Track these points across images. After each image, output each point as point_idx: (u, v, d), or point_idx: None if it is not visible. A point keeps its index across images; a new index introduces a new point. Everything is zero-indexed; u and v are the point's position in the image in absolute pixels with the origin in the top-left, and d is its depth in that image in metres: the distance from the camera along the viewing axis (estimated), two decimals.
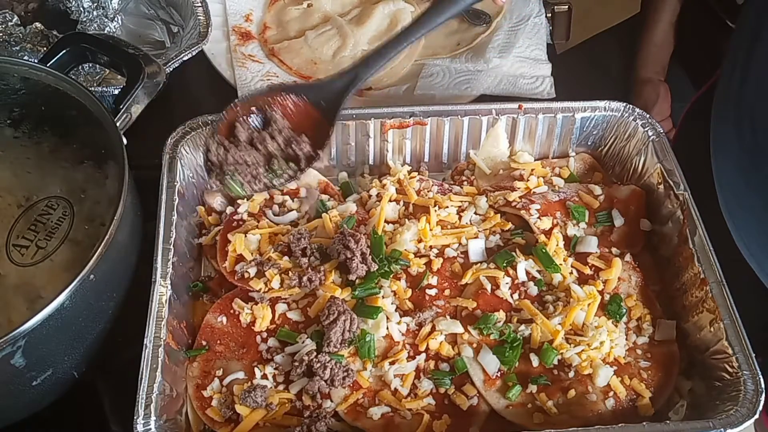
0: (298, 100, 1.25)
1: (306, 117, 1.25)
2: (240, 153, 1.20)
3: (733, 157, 1.25)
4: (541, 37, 1.70)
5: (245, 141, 1.21)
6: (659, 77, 1.96)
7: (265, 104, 1.24)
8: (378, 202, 1.30)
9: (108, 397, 1.25)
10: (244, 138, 1.22)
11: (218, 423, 1.11)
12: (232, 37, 1.69)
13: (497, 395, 1.13)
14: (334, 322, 1.13)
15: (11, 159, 1.33)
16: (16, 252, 1.24)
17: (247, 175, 1.19)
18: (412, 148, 1.42)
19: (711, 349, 1.14)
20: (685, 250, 1.23)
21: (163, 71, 1.30)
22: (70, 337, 1.07)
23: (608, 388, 1.13)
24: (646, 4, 1.98)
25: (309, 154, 1.22)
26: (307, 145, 1.22)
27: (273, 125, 1.22)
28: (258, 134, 1.22)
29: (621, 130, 1.40)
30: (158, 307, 1.13)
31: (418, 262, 1.24)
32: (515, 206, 1.30)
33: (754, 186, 1.21)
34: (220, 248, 1.27)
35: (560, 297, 1.21)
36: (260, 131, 1.23)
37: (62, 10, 1.66)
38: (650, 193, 1.35)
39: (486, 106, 1.40)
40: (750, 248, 1.26)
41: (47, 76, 1.23)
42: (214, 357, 1.17)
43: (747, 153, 1.21)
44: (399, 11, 1.72)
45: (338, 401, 1.12)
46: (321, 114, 1.25)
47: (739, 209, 1.26)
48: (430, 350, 1.17)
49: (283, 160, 1.21)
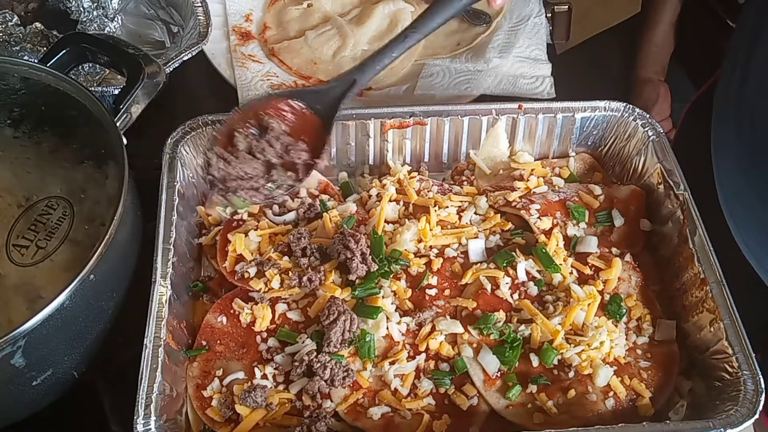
0: (296, 106, 1.25)
1: (304, 123, 1.24)
2: (240, 165, 1.19)
3: (733, 156, 1.25)
4: (541, 37, 1.70)
5: (244, 150, 1.20)
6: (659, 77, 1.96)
7: (262, 111, 1.23)
8: (378, 202, 1.30)
9: (108, 397, 1.25)
10: (243, 147, 1.20)
11: (218, 423, 1.11)
12: (232, 37, 1.69)
13: (497, 395, 1.13)
14: (334, 322, 1.13)
15: (11, 159, 1.33)
16: (16, 252, 1.24)
17: (248, 189, 1.18)
18: (412, 148, 1.42)
19: (711, 349, 1.14)
20: (685, 250, 1.23)
21: (163, 71, 1.30)
22: (70, 337, 1.07)
23: (608, 388, 1.13)
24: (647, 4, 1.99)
25: (307, 162, 1.21)
26: (305, 153, 1.21)
27: (270, 133, 1.22)
28: (257, 143, 1.21)
29: (621, 130, 1.40)
30: (158, 307, 1.12)
31: (418, 262, 1.24)
32: (515, 206, 1.30)
33: (753, 185, 1.22)
34: (220, 248, 1.27)
35: (560, 297, 1.21)
36: (259, 140, 1.22)
37: (62, 10, 1.66)
38: (650, 193, 1.35)
39: (486, 106, 1.40)
40: (749, 245, 1.26)
41: (47, 76, 1.23)
42: (214, 357, 1.17)
43: (747, 152, 1.21)
44: (399, 11, 1.72)
45: (338, 401, 1.12)
46: (319, 119, 1.25)
47: (738, 207, 1.26)
48: (430, 350, 1.17)
49: (282, 168, 1.20)
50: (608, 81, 2.10)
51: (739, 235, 1.27)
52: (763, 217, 1.21)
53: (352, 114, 1.37)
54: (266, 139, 1.21)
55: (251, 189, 1.19)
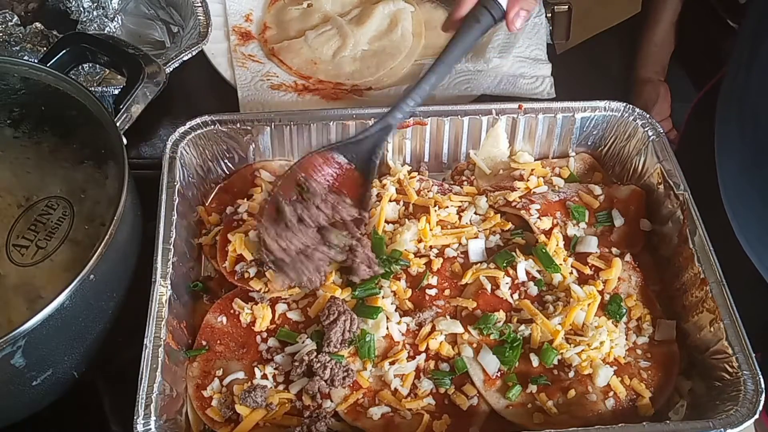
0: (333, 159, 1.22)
1: (344, 176, 1.22)
2: (297, 238, 1.15)
3: (736, 156, 1.25)
4: (541, 37, 1.70)
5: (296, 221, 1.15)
6: (659, 77, 1.96)
7: (301, 174, 1.19)
8: (378, 202, 1.30)
9: (108, 397, 1.25)
10: (293, 219, 1.15)
11: (218, 423, 1.11)
12: (232, 37, 1.69)
13: (497, 395, 1.13)
14: (334, 322, 1.13)
15: (11, 159, 1.33)
16: (16, 252, 1.24)
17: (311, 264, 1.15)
18: (412, 148, 1.42)
19: (711, 349, 1.14)
20: (685, 250, 1.23)
21: (163, 71, 1.30)
22: (70, 337, 1.07)
23: (608, 388, 1.13)
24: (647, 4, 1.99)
25: (354, 216, 1.19)
26: (353, 208, 1.19)
27: (315, 196, 1.17)
28: (305, 210, 1.16)
29: (621, 130, 1.40)
30: (158, 307, 1.12)
31: (418, 262, 1.24)
32: (515, 206, 1.30)
33: (755, 184, 1.22)
34: (220, 248, 1.27)
35: (560, 297, 1.21)
36: (306, 206, 1.17)
37: (62, 10, 1.66)
38: (650, 193, 1.35)
39: (486, 106, 1.40)
40: (752, 244, 1.27)
41: (47, 76, 1.23)
42: (214, 357, 1.17)
43: (749, 151, 1.22)
44: (399, 11, 1.72)
45: (338, 401, 1.12)
46: (358, 171, 1.22)
47: (741, 207, 1.27)
48: (430, 350, 1.17)
49: (336, 230, 1.17)
50: (608, 81, 2.11)
51: (741, 234, 1.27)
52: (764, 216, 1.21)
53: (352, 114, 1.37)
54: (314, 203, 1.17)
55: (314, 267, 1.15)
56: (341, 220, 1.19)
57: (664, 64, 1.97)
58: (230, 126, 1.36)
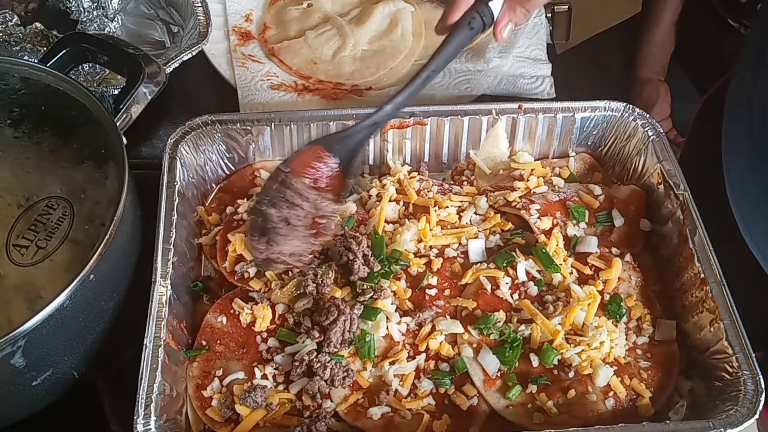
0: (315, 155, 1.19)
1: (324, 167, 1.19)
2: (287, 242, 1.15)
3: (743, 155, 1.27)
4: (541, 37, 1.70)
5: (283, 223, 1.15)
6: (659, 77, 1.96)
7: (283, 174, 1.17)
8: (378, 202, 1.30)
9: (108, 397, 1.25)
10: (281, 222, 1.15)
11: (218, 423, 1.11)
12: (232, 37, 1.69)
13: (497, 395, 1.13)
14: (334, 322, 1.13)
15: (11, 159, 1.33)
16: (16, 252, 1.24)
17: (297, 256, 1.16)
18: (412, 148, 1.42)
19: (711, 349, 1.14)
20: (685, 250, 1.23)
21: (163, 71, 1.30)
22: (70, 337, 1.07)
23: (608, 388, 1.13)
24: (648, 3, 1.99)
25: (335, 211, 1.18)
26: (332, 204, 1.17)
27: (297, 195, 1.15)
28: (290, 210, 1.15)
29: (621, 130, 1.40)
30: (158, 307, 1.12)
31: (418, 262, 1.24)
32: (515, 206, 1.30)
33: (761, 182, 1.24)
34: (220, 248, 1.27)
35: (560, 297, 1.21)
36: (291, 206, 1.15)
37: (62, 10, 1.66)
38: (650, 193, 1.35)
39: (486, 106, 1.40)
40: (756, 242, 1.28)
41: (47, 76, 1.23)
42: (214, 357, 1.17)
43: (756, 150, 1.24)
44: (399, 11, 1.72)
45: (338, 401, 1.12)
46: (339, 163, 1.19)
47: (746, 205, 1.28)
48: (430, 350, 1.17)
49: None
50: (608, 81, 2.11)
51: (747, 232, 1.28)
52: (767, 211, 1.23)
53: (352, 114, 1.37)
54: (297, 204, 1.15)
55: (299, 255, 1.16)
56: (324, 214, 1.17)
57: (664, 64, 1.97)
58: (230, 126, 1.36)
